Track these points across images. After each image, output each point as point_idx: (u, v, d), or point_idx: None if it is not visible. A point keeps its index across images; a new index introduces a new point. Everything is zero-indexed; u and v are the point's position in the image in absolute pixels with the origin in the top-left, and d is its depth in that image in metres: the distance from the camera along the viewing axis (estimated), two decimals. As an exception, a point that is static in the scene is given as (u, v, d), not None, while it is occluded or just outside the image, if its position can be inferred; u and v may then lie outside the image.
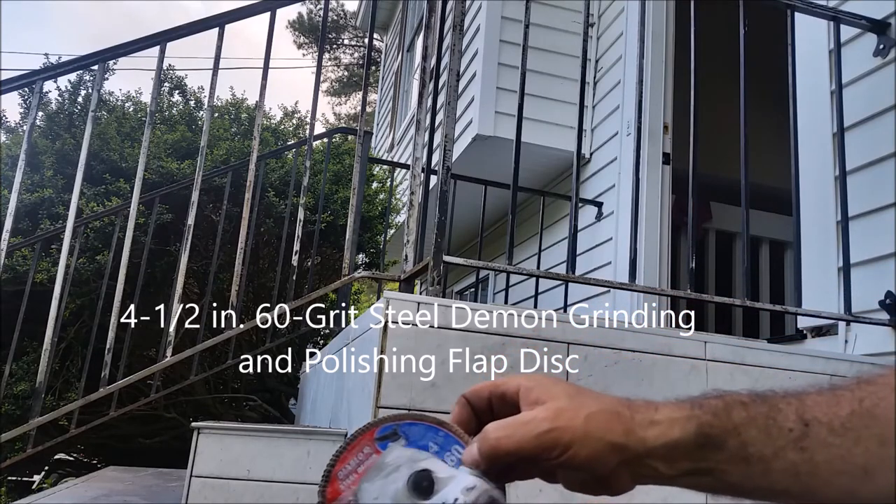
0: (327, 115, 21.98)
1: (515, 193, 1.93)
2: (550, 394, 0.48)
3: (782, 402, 0.47)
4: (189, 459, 1.76)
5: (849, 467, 0.44)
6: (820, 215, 2.32)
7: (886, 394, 0.45)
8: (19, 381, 3.57)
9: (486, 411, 0.52)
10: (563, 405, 0.47)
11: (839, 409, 0.45)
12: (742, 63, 2.07)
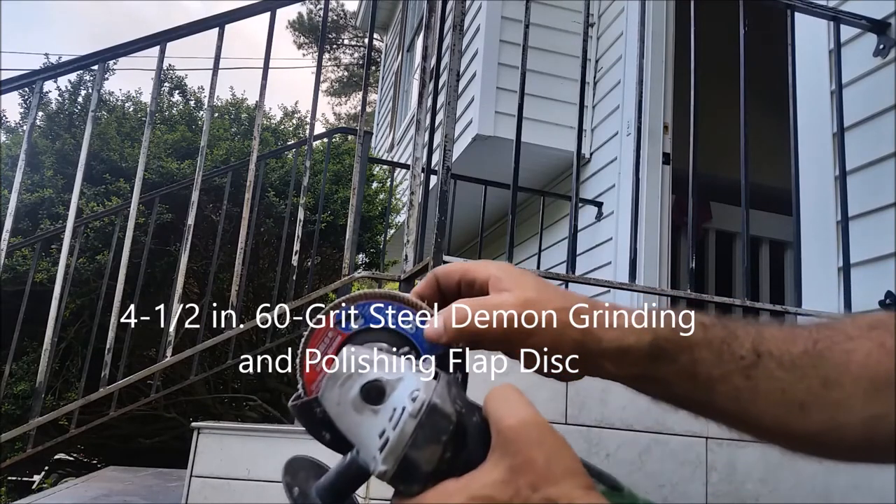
0: (327, 115, 22.00)
1: (515, 193, 1.93)
2: (519, 283, 0.50)
3: (741, 331, 0.49)
4: (189, 459, 1.76)
5: (787, 401, 0.47)
6: (820, 215, 2.32)
7: (841, 339, 0.47)
8: (19, 381, 3.57)
9: (453, 294, 0.54)
10: (532, 296, 0.50)
11: (793, 346, 0.48)
12: (742, 63, 2.07)
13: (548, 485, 0.40)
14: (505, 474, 0.41)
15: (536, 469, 0.41)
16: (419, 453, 0.42)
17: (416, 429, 0.42)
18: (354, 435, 0.45)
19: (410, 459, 0.42)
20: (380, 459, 0.43)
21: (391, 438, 0.42)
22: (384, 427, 0.43)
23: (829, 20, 2.27)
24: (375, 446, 0.43)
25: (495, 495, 0.41)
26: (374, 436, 0.44)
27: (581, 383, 1.58)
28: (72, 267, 3.43)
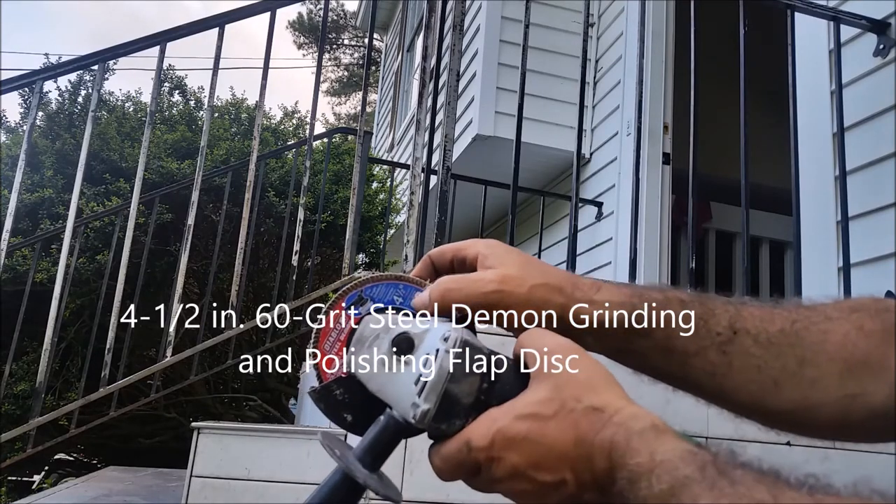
0: (327, 115, 21.99)
1: (515, 193, 1.93)
2: (502, 261, 0.52)
3: (719, 308, 0.51)
4: (189, 459, 1.76)
5: (762, 378, 0.48)
6: (820, 215, 2.32)
7: (819, 320, 0.48)
8: (19, 381, 3.57)
9: (447, 271, 0.56)
10: (512, 273, 0.51)
11: (771, 325, 0.49)
12: (742, 63, 2.07)
13: (590, 394, 0.42)
14: (548, 392, 0.43)
15: (578, 383, 0.43)
16: (458, 386, 0.44)
17: (454, 362, 0.44)
18: (388, 392, 0.47)
19: (450, 394, 0.44)
20: (420, 400, 0.44)
21: (431, 376, 0.44)
22: (419, 372, 0.45)
23: (829, 20, 2.27)
24: (412, 393, 0.45)
25: (541, 411, 0.42)
26: (409, 384, 0.45)
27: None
28: (72, 267, 3.43)
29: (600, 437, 0.40)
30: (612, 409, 0.41)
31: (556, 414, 0.42)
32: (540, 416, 0.42)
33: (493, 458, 0.43)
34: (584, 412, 0.42)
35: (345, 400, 0.49)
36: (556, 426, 0.42)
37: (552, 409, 0.42)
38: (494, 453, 0.43)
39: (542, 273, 0.52)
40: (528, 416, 0.42)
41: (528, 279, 0.51)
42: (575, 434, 0.41)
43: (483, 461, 0.43)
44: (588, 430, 0.41)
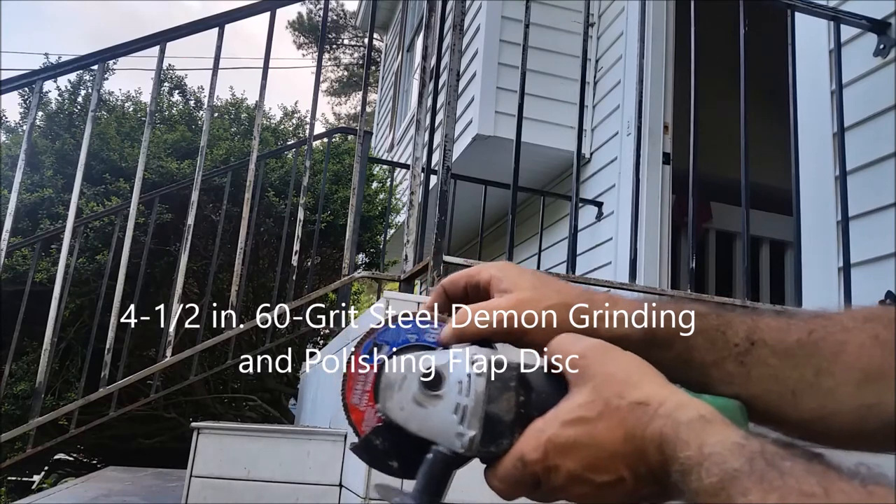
0: (327, 115, 21.98)
1: (515, 193, 1.93)
2: (516, 283, 0.53)
3: (737, 320, 0.51)
4: (189, 459, 1.76)
5: (780, 388, 0.49)
6: (820, 215, 2.32)
7: (836, 330, 0.48)
8: (19, 381, 3.57)
9: (461, 299, 0.56)
10: (527, 296, 0.52)
11: (788, 335, 0.49)
12: (742, 63, 2.07)
13: (632, 390, 0.43)
14: (589, 394, 0.43)
15: (617, 380, 0.43)
16: (497, 406, 0.44)
17: (488, 384, 0.44)
18: (429, 429, 0.47)
19: (492, 415, 0.44)
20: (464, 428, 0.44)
21: (469, 403, 0.44)
22: (456, 402, 0.45)
23: (829, 20, 2.27)
24: (454, 422, 0.45)
25: (585, 414, 0.43)
26: (448, 416, 0.45)
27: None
28: (72, 267, 3.42)
29: (650, 431, 0.40)
30: (656, 400, 0.41)
31: (601, 414, 0.42)
32: (585, 419, 0.43)
33: (549, 467, 0.43)
34: (629, 408, 0.42)
35: (386, 447, 0.50)
36: (603, 426, 0.42)
37: (596, 410, 0.43)
38: (549, 463, 0.43)
39: (557, 291, 0.53)
40: (574, 420, 0.43)
41: (543, 300, 0.52)
42: (623, 431, 0.41)
43: (540, 473, 0.44)
44: (636, 426, 0.41)
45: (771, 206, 3.90)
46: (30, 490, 4.63)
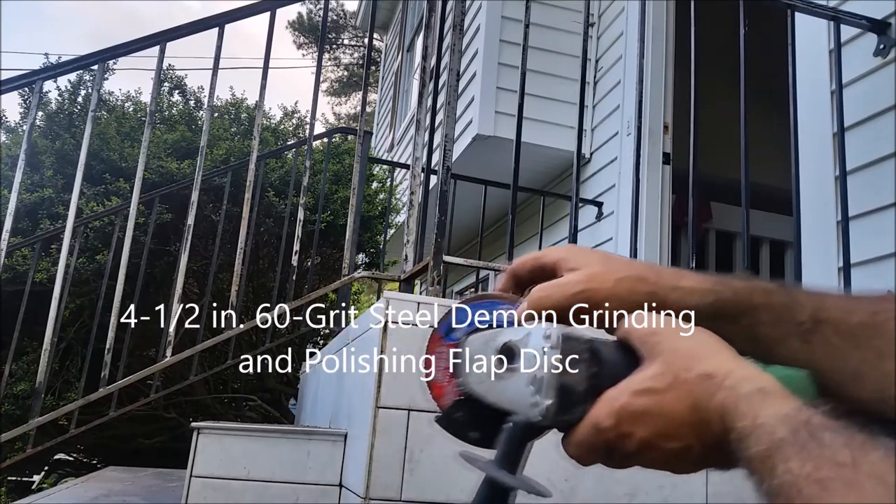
0: (327, 115, 21.99)
1: (515, 193, 1.93)
2: (584, 261, 0.55)
3: (803, 297, 0.52)
4: (189, 459, 1.76)
5: (843, 367, 0.49)
6: (820, 215, 2.32)
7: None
8: (19, 381, 3.57)
9: (528, 281, 0.59)
10: (596, 270, 0.54)
11: (852, 316, 0.50)
12: (742, 63, 2.07)
13: (699, 362, 0.44)
14: (659, 367, 0.46)
15: (686, 353, 0.46)
16: (570, 376, 0.47)
17: (560, 356, 0.47)
18: (506, 400, 0.49)
19: (565, 385, 0.47)
20: (540, 398, 0.47)
21: (543, 375, 0.47)
22: (531, 374, 0.48)
23: (829, 20, 2.27)
24: (530, 393, 0.47)
25: (655, 385, 0.45)
26: (524, 388, 0.48)
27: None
28: (72, 267, 3.42)
29: (714, 402, 0.42)
30: (722, 372, 0.43)
31: (670, 386, 0.44)
32: (655, 389, 0.45)
33: (621, 434, 0.45)
34: (696, 380, 0.44)
35: (467, 419, 0.53)
36: (671, 397, 0.44)
37: (666, 381, 0.45)
38: (622, 430, 0.45)
39: (625, 266, 0.54)
40: (645, 391, 0.45)
41: (612, 274, 0.53)
42: (690, 402, 0.43)
43: (614, 439, 0.46)
44: (702, 396, 0.43)
45: (771, 206, 3.90)
46: (30, 490, 4.63)
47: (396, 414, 1.45)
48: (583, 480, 1.52)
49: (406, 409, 1.46)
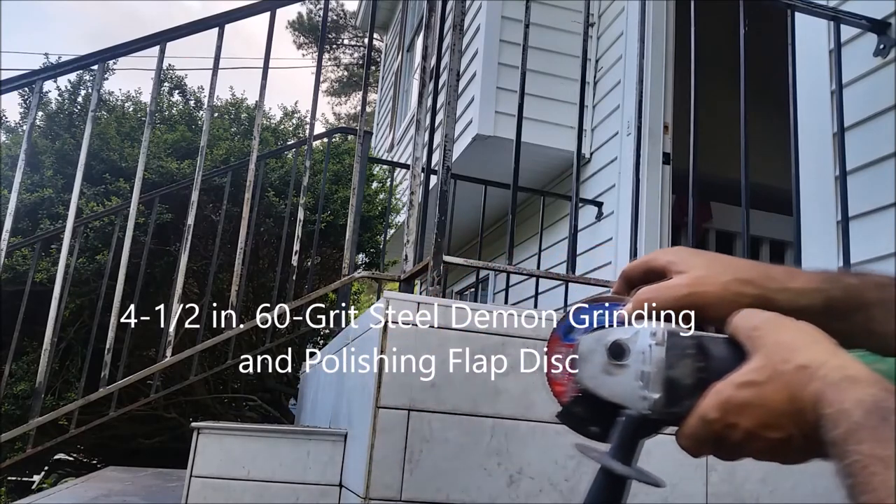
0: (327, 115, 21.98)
1: (515, 193, 1.93)
2: (692, 264, 0.57)
3: None
4: (189, 459, 1.76)
5: None
6: (820, 215, 2.32)
7: None
8: (19, 381, 3.57)
9: (640, 283, 0.61)
10: (702, 273, 0.56)
11: None
12: (742, 63, 2.07)
13: (796, 354, 0.46)
14: (760, 360, 0.48)
15: (785, 346, 0.47)
16: (677, 371, 0.50)
17: (667, 354, 0.50)
18: (617, 394, 0.53)
19: (673, 379, 0.50)
20: (649, 392, 0.50)
21: (651, 370, 0.50)
22: (639, 369, 0.51)
23: (829, 20, 2.27)
24: (639, 387, 0.51)
25: (755, 378, 0.47)
26: (633, 382, 0.51)
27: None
28: (72, 267, 3.42)
29: (808, 392, 0.44)
30: (817, 363, 0.45)
31: (769, 378, 0.46)
32: (756, 382, 0.47)
33: (727, 425, 0.48)
34: (793, 372, 0.45)
35: (585, 415, 0.56)
36: (771, 389, 0.46)
37: (766, 374, 0.47)
38: (728, 421, 0.47)
39: (733, 269, 0.56)
40: (747, 383, 0.47)
41: (719, 276, 0.55)
42: (788, 393, 0.45)
43: (721, 430, 0.48)
44: (798, 387, 0.45)
45: (771, 206, 3.90)
46: (30, 490, 4.63)
47: (396, 414, 1.45)
48: (583, 480, 1.52)
49: (406, 409, 1.46)
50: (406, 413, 1.46)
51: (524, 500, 1.48)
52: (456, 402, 1.49)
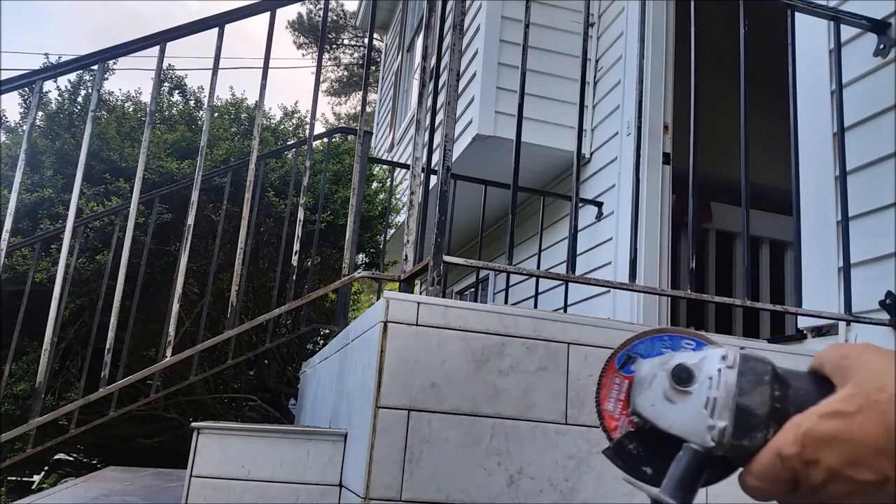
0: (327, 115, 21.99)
1: (515, 193, 1.93)
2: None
3: None
4: (189, 459, 1.76)
5: None
6: (820, 215, 2.32)
7: None
8: (19, 381, 3.57)
9: None
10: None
11: None
12: (742, 63, 2.07)
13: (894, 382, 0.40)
14: (850, 389, 0.42)
15: (878, 374, 0.41)
16: (749, 398, 0.44)
17: (739, 377, 0.45)
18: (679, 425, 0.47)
19: (743, 407, 0.44)
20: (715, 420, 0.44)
21: (719, 395, 0.44)
22: (706, 396, 0.45)
23: (829, 20, 2.27)
24: (705, 416, 0.45)
25: (844, 408, 0.41)
26: (698, 411, 0.46)
27: (581, 383, 1.58)
28: (72, 267, 3.42)
29: None
30: None
31: (860, 408, 0.40)
32: (844, 412, 0.41)
33: (807, 462, 0.41)
34: (889, 401, 0.40)
35: (640, 453, 0.51)
36: (862, 420, 0.40)
37: (856, 403, 0.41)
38: (808, 457, 0.41)
39: None
40: (832, 413, 0.41)
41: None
42: (885, 426, 0.39)
43: (799, 468, 0.42)
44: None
45: (771, 206, 3.90)
46: (30, 490, 4.63)
47: (396, 414, 1.45)
48: (583, 480, 1.52)
49: (406, 409, 1.46)
50: (406, 413, 1.45)
51: (524, 500, 1.48)
52: (456, 402, 1.49)
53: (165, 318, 3.07)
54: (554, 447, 1.52)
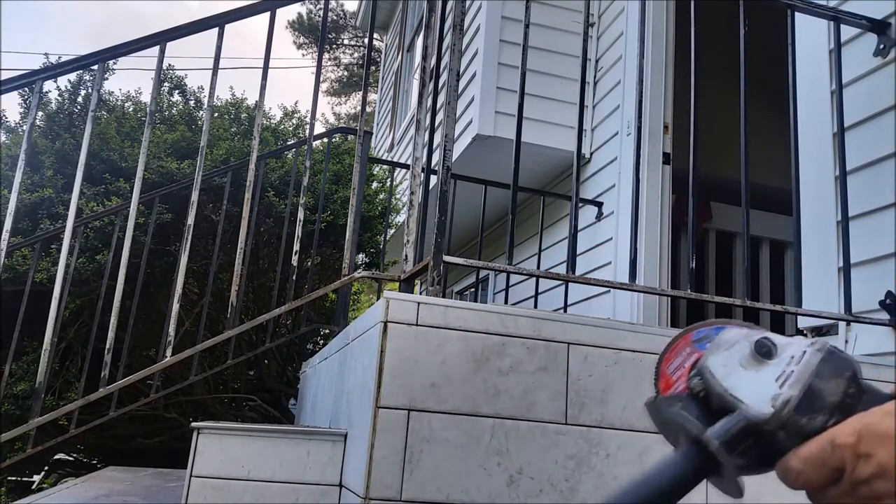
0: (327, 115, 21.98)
1: (515, 193, 1.93)
2: None
3: None
4: (189, 459, 1.76)
5: None
6: (820, 215, 2.32)
7: None
8: (19, 381, 3.57)
9: None
10: None
11: None
12: (742, 63, 2.07)
13: None
14: None
15: None
16: (824, 383, 0.46)
17: (821, 362, 0.46)
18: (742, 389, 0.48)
19: (815, 387, 0.45)
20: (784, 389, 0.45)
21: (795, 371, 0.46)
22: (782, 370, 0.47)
23: (829, 20, 2.27)
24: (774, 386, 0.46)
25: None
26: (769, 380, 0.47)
27: (581, 383, 1.58)
28: (72, 267, 3.42)
29: None
30: None
31: None
32: None
33: (859, 454, 0.41)
34: None
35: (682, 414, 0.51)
36: None
37: None
38: (861, 449, 0.41)
39: None
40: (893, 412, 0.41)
41: None
42: None
43: (848, 459, 0.42)
44: None
45: (771, 206, 3.90)
46: (30, 490, 4.63)
47: (396, 414, 1.45)
48: (583, 480, 1.52)
49: (406, 409, 1.46)
50: (406, 413, 1.45)
51: (524, 500, 1.48)
52: (456, 402, 1.49)
53: (165, 318, 3.07)
54: (554, 447, 1.52)
